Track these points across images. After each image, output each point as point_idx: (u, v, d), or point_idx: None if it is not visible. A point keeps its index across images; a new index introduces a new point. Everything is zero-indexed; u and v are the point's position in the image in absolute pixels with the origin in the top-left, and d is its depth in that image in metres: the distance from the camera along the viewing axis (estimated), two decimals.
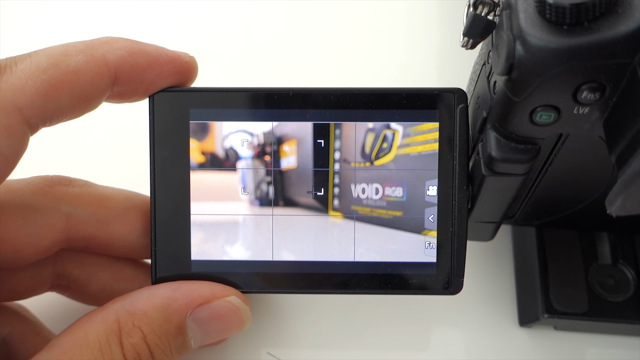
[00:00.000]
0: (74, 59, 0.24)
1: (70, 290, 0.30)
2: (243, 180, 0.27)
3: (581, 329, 0.32)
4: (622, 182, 0.20)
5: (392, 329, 0.33)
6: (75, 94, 0.24)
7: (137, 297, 0.25)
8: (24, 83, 0.23)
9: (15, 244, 0.25)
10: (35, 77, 0.23)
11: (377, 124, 0.27)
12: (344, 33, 0.42)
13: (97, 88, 0.24)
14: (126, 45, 0.25)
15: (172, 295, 0.26)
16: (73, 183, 0.27)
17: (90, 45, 0.24)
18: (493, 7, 0.23)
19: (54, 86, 0.23)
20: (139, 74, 0.25)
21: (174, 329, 0.25)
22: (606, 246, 0.32)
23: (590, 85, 0.20)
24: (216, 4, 0.43)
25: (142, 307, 0.25)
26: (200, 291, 0.26)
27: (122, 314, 0.25)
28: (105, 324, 0.24)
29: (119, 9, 0.42)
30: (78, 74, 0.24)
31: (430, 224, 0.27)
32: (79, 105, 0.24)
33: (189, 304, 0.26)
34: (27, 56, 0.23)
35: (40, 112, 0.23)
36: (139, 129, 0.28)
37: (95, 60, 0.24)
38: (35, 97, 0.23)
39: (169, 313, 0.25)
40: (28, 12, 0.42)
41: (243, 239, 0.27)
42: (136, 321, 0.25)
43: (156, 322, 0.25)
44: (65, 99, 0.24)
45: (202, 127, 0.27)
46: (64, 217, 0.26)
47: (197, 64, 0.27)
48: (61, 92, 0.23)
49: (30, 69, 0.23)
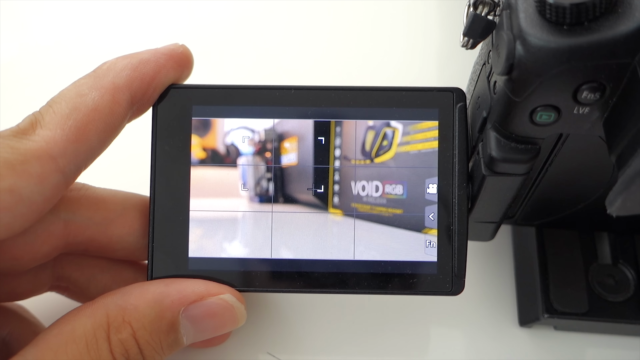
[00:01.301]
0: (90, 97, 0.24)
1: (70, 291, 0.30)
2: (243, 176, 0.27)
3: (581, 329, 0.32)
4: (622, 182, 0.20)
5: (391, 329, 0.33)
6: (101, 129, 0.24)
7: (129, 292, 0.25)
8: (54, 133, 0.23)
9: (14, 252, 0.25)
10: (62, 125, 0.23)
11: (378, 122, 0.27)
12: (346, 32, 0.42)
13: (118, 116, 0.25)
14: (127, 63, 0.25)
15: (165, 290, 0.25)
16: (70, 188, 0.27)
17: (96, 78, 0.25)
18: (493, 7, 0.23)
19: (81, 129, 0.24)
20: (149, 83, 0.26)
21: (165, 326, 0.25)
22: (606, 246, 0.32)
23: (590, 85, 0.20)
24: (218, 2, 0.43)
25: (134, 302, 0.24)
26: (194, 288, 0.26)
27: (112, 309, 0.24)
28: (94, 318, 0.24)
29: (118, 9, 0.42)
30: (98, 110, 0.24)
31: (430, 222, 0.27)
32: (107, 138, 0.25)
33: (182, 301, 0.25)
34: (48, 107, 0.24)
35: (74, 159, 0.24)
36: (140, 127, 0.28)
37: (108, 90, 0.25)
38: (67, 144, 0.23)
39: (161, 309, 0.25)
40: (28, 12, 0.42)
41: (242, 235, 0.27)
42: (126, 316, 0.24)
43: (147, 317, 0.24)
44: (94, 138, 0.24)
45: (204, 123, 0.27)
46: (62, 223, 0.26)
47: (190, 51, 0.27)
48: (89, 133, 0.24)
49: (56, 119, 0.24)
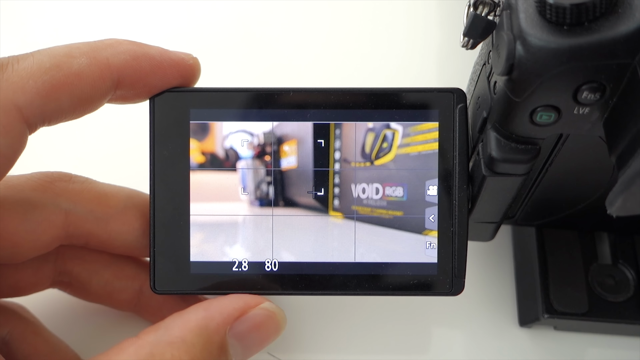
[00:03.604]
0: (77, 61, 0.24)
1: (72, 286, 0.30)
2: (243, 180, 0.27)
3: (581, 329, 0.32)
4: (622, 182, 0.20)
5: (391, 329, 0.33)
6: (76, 96, 0.24)
7: (170, 325, 0.24)
8: (25, 82, 0.22)
9: (14, 240, 0.25)
10: (36, 77, 0.23)
11: (377, 124, 0.27)
12: (344, 33, 0.42)
13: (99, 91, 0.24)
14: (130, 49, 0.25)
15: (206, 315, 0.24)
16: (73, 179, 0.27)
17: (94, 48, 0.24)
18: (493, 7, 0.23)
19: (55, 87, 0.23)
20: (142, 78, 0.25)
21: (216, 350, 0.24)
22: (606, 246, 0.32)
23: (590, 85, 0.20)
24: (216, 4, 0.43)
25: (179, 334, 0.24)
26: (233, 304, 0.25)
27: (157, 347, 0.23)
28: (137, 357, 0.23)
29: (119, 9, 0.42)
30: (80, 76, 0.23)
31: (430, 224, 0.27)
32: (79, 107, 0.24)
33: (227, 320, 0.25)
34: (29, 55, 0.23)
35: (40, 112, 0.23)
36: (140, 126, 0.28)
37: (99, 63, 0.24)
38: (36, 97, 0.23)
39: (209, 334, 0.24)
40: (28, 12, 0.42)
41: (243, 239, 0.27)
42: (175, 351, 0.23)
43: (197, 346, 0.23)
44: (66, 101, 0.23)
45: (203, 127, 0.27)
46: (63, 214, 0.26)
47: (200, 65, 0.27)
48: (62, 94, 0.23)
49: (32, 69, 0.23)
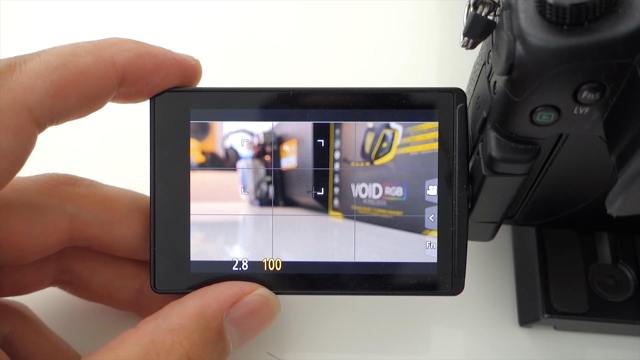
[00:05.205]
0: (83, 59, 0.24)
1: (72, 285, 0.30)
2: (243, 180, 0.27)
3: (581, 329, 0.32)
4: (622, 182, 0.20)
5: (391, 329, 0.33)
6: (83, 94, 0.24)
7: (169, 313, 0.25)
8: (33, 82, 0.23)
9: (19, 243, 0.25)
10: (44, 77, 0.23)
11: (377, 124, 0.27)
12: (344, 33, 0.42)
13: (104, 89, 0.24)
14: (134, 47, 0.25)
15: (203, 302, 0.25)
16: (79, 183, 0.27)
17: (98, 46, 0.25)
18: (493, 7, 0.23)
19: (63, 86, 0.23)
20: (145, 76, 0.25)
21: (214, 335, 0.25)
22: (606, 246, 0.32)
23: (590, 85, 0.20)
24: (217, 4, 0.43)
25: (178, 321, 0.24)
26: (229, 291, 0.26)
27: (157, 333, 0.24)
28: (139, 346, 0.24)
29: (119, 9, 0.42)
30: (86, 74, 0.24)
31: (430, 224, 0.27)
32: (86, 105, 0.25)
33: (223, 306, 0.25)
34: (36, 55, 0.23)
35: (49, 112, 0.23)
36: (141, 126, 0.28)
37: (104, 61, 0.24)
38: (45, 96, 0.23)
39: (206, 320, 0.25)
40: (28, 12, 0.42)
41: (243, 239, 0.27)
42: (175, 337, 0.24)
43: (196, 332, 0.24)
44: (73, 99, 0.24)
45: (203, 127, 0.27)
46: (68, 218, 0.26)
47: (201, 67, 0.27)
48: (69, 92, 0.23)
49: (40, 69, 0.23)
